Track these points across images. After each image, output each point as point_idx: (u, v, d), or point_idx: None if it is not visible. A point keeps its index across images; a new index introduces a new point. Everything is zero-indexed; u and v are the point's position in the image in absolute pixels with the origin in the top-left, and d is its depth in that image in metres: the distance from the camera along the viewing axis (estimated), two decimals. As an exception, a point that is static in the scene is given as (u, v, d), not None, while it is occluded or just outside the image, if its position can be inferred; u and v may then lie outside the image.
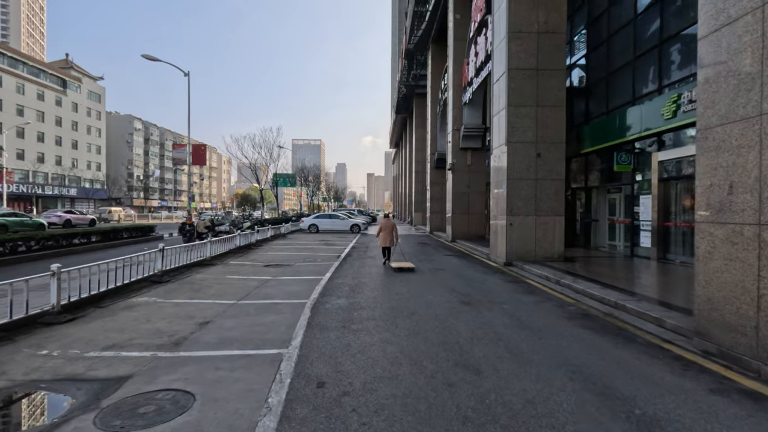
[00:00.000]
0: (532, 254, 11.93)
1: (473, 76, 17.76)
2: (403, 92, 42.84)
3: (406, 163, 53.63)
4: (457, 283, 8.98)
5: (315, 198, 64.20)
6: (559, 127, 11.99)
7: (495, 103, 13.07)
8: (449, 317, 6.13)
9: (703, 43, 4.73)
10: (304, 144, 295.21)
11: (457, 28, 20.63)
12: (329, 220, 28.54)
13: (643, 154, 13.13)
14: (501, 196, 12.31)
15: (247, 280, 9.49)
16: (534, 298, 7.52)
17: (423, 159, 41.05)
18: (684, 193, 11.37)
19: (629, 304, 6.48)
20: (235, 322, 5.98)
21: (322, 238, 23.17)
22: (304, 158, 68.59)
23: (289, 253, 15.12)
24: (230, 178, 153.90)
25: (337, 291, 8.13)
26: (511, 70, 11.85)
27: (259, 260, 13.09)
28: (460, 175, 20.71)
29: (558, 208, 12.03)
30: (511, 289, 8.40)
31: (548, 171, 11.95)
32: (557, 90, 11.95)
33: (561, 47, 11.98)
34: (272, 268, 11.33)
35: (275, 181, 39.88)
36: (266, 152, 36.14)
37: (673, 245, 11.78)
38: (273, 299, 7.47)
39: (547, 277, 9.45)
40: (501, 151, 12.35)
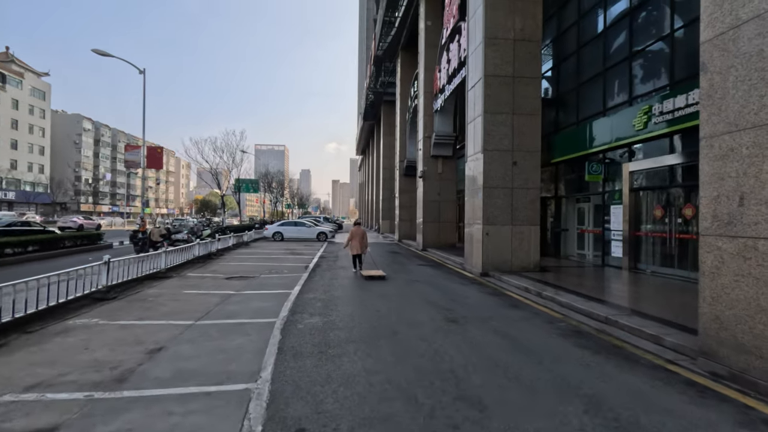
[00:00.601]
0: (508, 264, 11.68)
1: (445, 83, 17.57)
2: (370, 99, 42.52)
3: (373, 170, 53.22)
4: (436, 297, 8.48)
5: (279, 205, 62.41)
6: (534, 135, 11.87)
7: (470, 110, 12.83)
8: (437, 338, 5.59)
9: (706, 47, 4.50)
10: (268, 149, 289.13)
11: (428, 34, 20.49)
12: (295, 228, 27.51)
13: (614, 164, 13.29)
14: (477, 204, 12.01)
15: (208, 295, 8.57)
16: (520, 313, 7.13)
17: (391, 166, 40.76)
18: (655, 203, 11.51)
19: (620, 319, 6.20)
20: (193, 348, 5.16)
21: (287, 246, 22.18)
22: (268, 164, 66.65)
23: (254, 264, 14.16)
24: (189, 183, 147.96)
25: (308, 307, 7.41)
26: (487, 77, 11.63)
27: (220, 272, 12.08)
28: (431, 182, 20.44)
29: (534, 218, 11.87)
30: (494, 302, 7.99)
31: (524, 180, 11.78)
32: (533, 98, 11.85)
33: (537, 55, 11.92)
34: (235, 281, 10.42)
35: (237, 186, 38.25)
36: (228, 156, 34.60)
37: (644, 255, 11.89)
38: (237, 318, 6.66)
39: (527, 288, 9.14)
40: (476, 159, 12.08)
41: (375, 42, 32.83)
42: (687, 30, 10.36)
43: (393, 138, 40.58)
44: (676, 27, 10.62)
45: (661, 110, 10.52)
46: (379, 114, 43.67)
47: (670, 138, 10.75)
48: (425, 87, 20.43)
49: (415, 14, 23.25)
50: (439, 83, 18.73)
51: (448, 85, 17.22)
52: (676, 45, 10.64)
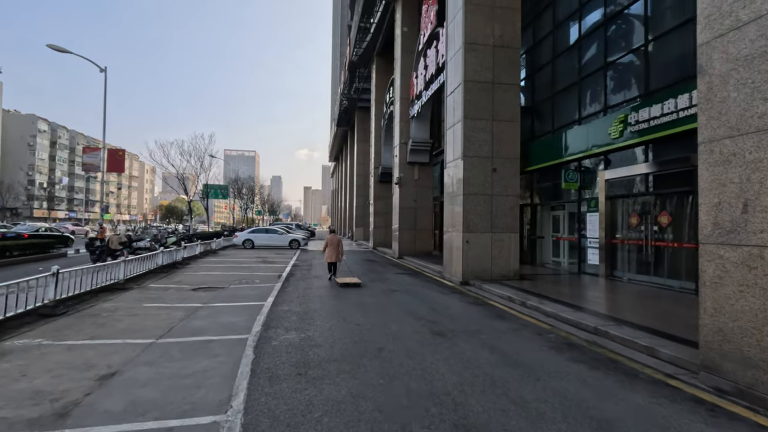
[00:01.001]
0: (488, 272, 11.47)
1: (422, 89, 17.42)
2: (344, 105, 42.13)
3: (346, 177, 52.71)
4: (418, 307, 8.10)
5: (249, 211, 60.72)
6: (514, 142, 11.80)
7: (449, 115, 12.66)
8: (425, 354, 5.19)
9: (704, 50, 4.37)
10: (238, 155, 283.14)
11: (404, 40, 20.36)
12: (266, 235, 26.60)
13: (589, 172, 13.40)
14: (456, 211, 11.78)
15: (171, 309, 7.85)
16: (507, 324, 6.84)
17: (365, 173, 40.43)
18: (631, 211, 11.62)
19: (610, 329, 6.01)
20: (153, 372, 4.54)
21: (258, 254, 21.32)
22: (238, 169, 64.89)
23: (223, 273, 13.37)
24: (154, 189, 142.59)
25: (283, 321, 6.87)
26: (467, 82, 11.48)
27: (186, 282, 11.28)
28: (408, 189, 20.19)
29: (513, 225, 11.74)
30: (478, 313, 7.69)
31: (504, 187, 11.66)
32: (512, 105, 11.79)
33: (516, 62, 11.89)
34: (202, 293, 9.69)
35: (206, 192, 36.83)
36: (196, 160, 33.23)
37: (620, 262, 11.96)
38: (204, 335, 6.04)
39: (510, 298, 8.92)
40: (456, 165, 11.88)
41: (350, 48, 32.57)
42: (660, 41, 10.56)
43: (367, 144, 40.33)
44: (650, 38, 10.81)
45: (636, 119, 10.64)
46: (353, 120, 43.34)
47: (645, 146, 10.88)
48: (401, 93, 20.25)
49: (390, 20, 23.14)
50: (415, 89, 18.57)
51: (425, 91, 17.07)
52: (650, 56, 10.82)
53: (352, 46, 30.69)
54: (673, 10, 10.37)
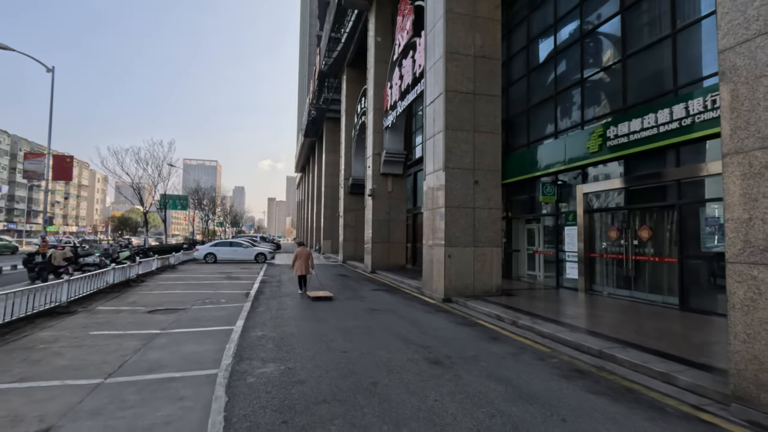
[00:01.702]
0: (471, 288, 11.05)
1: (397, 99, 17.06)
2: (313, 115, 41.35)
3: (314, 189, 51.63)
4: (406, 330, 7.48)
5: (210, 223, 58.13)
6: (495, 154, 11.55)
7: (428, 125, 12.28)
8: (427, 388, 4.57)
9: (728, 55, 4.11)
10: (199, 164, 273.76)
11: (378, 51, 20.03)
12: (230, 249, 25.18)
13: (566, 185, 13.39)
14: (437, 225, 11.33)
15: (124, 337, 6.81)
16: (505, 348, 6.34)
17: (334, 184, 39.64)
18: (610, 224, 11.60)
19: (616, 353, 5.63)
20: (99, 427, 3.65)
21: (222, 269, 20.00)
22: (199, 179, 62.19)
23: (183, 292, 12.19)
24: (105, 199, 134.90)
25: (258, 350, 6.04)
26: (448, 92, 11.16)
27: (141, 303, 10.10)
28: (381, 201, 19.65)
29: (495, 239, 11.42)
30: (470, 335, 7.15)
31: (486, 199, 11.34)
32: (493, 116, 11.56)
33: (497, 73, 11.71)
34: (160, 315, 8.62)
35: (163, 202, 34.73)
36: (154, 169, 31.28)
37: (600, 276, 11.88)
38: (164, 371, 5.13)
39: (498, 316, 8.47)
40: (437, 177, 11.47)
41: (319, 58, 32.02)
42: (637, 57, 10.68)
43: (337, 155, 39.64)
44: (627, 54, 10.93)
45: (615, 133, 10.65)
46: (322, 131, 42.59)
47: (625, 161, 10.90)
48: (375, 103, 19.83)
49: (363, 30, 22.82)
50: (390, 100, 18.20)
51: (400, 102, 16.71)
52: (628, 71, 10.92)
53: (322, 56, 30.15)
54: (649, 26, 10.54)
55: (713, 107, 8.40)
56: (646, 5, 10.65)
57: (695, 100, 8.76)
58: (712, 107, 8.42)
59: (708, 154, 9.11)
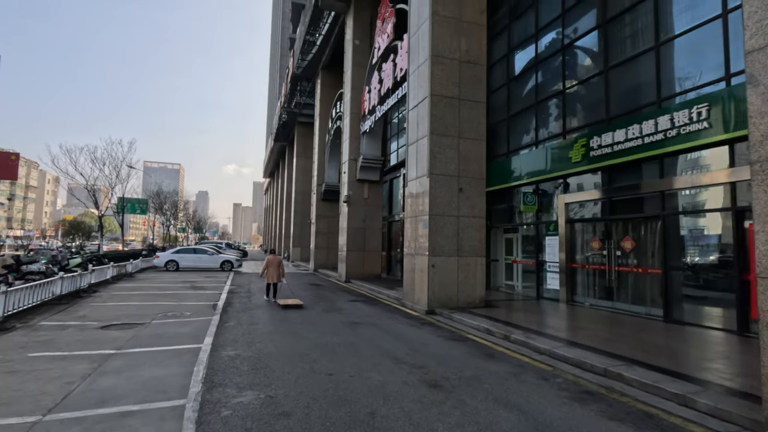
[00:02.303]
0: (454, 300, 10.63)
1: (376, 103, 16.62)
2: (284, 119, 40.31)
3: (283, 194, 50.30)
4: (393, 346, 6.91)
5: (172, 228, 55.38)
6: (480, 161, 11.26)
7: (411, 130, 11.87)
8: (430, 418, 4.02)
9: (757, 57, 3.88)
10: (160, 167, 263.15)
11: (355, 54, 19.57)
12: (194, 256, 23.75)
13: (547, 195, 13.31)
14: (420, 233, 10.88)
15: (69, 359, 5.87)
16: (504, 366, 5.90)
17: (305, 190, 38.68)
18: (592, 235, 11.53)
19: (622, 371, 5.30)
20: (31, 485, 2.87)
21: (185, 278, 18.72)
22: (162, 182, 59.27)
23: (142, 303, 11.10)
24: (56, 201, 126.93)
25: (232, 374, 5.30)
26: (433, 96, 10.80)
27: (93, 317, 9.02)
28: (356, 208, 19.06)
29: (479, 249, 11.09)
30: (465, 353, 6.68)
31: (470, 208, 11.01)
32: (479, 123, 11.30)
33: (482, 79, 11.48)
34: (115, 332, 7.65)
35: (121, 206, 32.56)
36: (111, 170, 29.27)
37: (581, 287, 11.77)
38: (118, 403, 4.32)
39: (488, 330, 8.06)
40: (421, 183, 11.05)
41: (293, 60, 31.23)
42: (620, 69, 10.72)
43: (309, 160, 38.72)
44: (611, 65, 10.96)
45: (599, 143, 10.61)
46: (293, 135, 41.60)
47: (608, 171, 10.86)
48: (352, 108, 19.31)
49: (340, 33, 22.33)
50: (368, 104, 17.74)
51: (380, 106, 16.27)
52: (611, 82, 10.95)
53: (295, 59, 29.38)
54: (632, 39, 10.61)
55: (699, 119, 8.43)
56: (628, 18, 10.74)
57: (680, 112, 8.78)
58: (698, 119, 8.45)
59: (692, 165, 9.16)
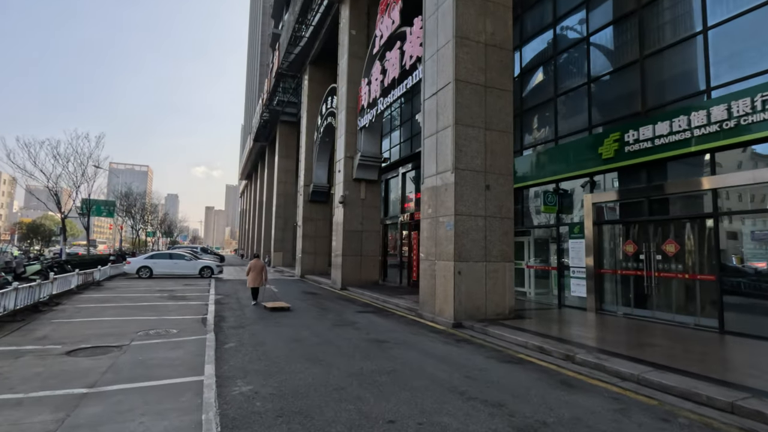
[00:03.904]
0: (482, 311, 9.43)
1: (378, 95, 15.35)
2: (265, 118, 38.45)
3: (263, 197, 48.16)
4: (443, 373, 5.61)
5: (142, 232, 52.14)
6: (507, 156, 10.15)
7: (428, 122, 10.66)
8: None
9: None
10: (127, 169, 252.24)
11: (352, 44, 18.26)
12: (169, 262, 21.69)
13: (568, 195, 12.37)
14: (443, 236, 9.65)
15: (25, 406, 4.29)
16: (597, 402, 4.70)
17: (288, 192, 36.93)
18: (625, 237, 10.60)
19: (754, 405, 4.21)
20: None
21: (161, 286, 16.81)
22: (131, 182, 55.84)
23: (116, 319, 9.38)
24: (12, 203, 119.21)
25: (256, 426, 3.87)
26: (458, 82, 9.63)
27: (56, 338, 7.31)
28: (353, 210, 17.66)
29: (508, 253, 9.95)
30: (533, 380, 5.45)
31: (497, 207, 9.87)
32: (506, 113, 10.20)
33: (508, 66, 10.40)
34: (86, 359, 6.03)
35: (87, 208, 29.85)
36: (77, 167, 26.70)
37: (611, 295, 10.81)
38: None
39: (541, 348, 6.88)
40: (442, 179, 9.83)
41: (279, 54, 29.60)
42: (659, 56, 9.88)
43: (291, 161, 37.04)
44: (648, 53, 10.11)
45: (636, 138, 9.70)
46: (275, 135, 39.77)
47: (646, 167, 9.94)
48: (348, 102, 17.95)
49: (332, 24, 20.96)
50: (367, 97, 16.44)
51: (382, 98, 15.01)
52: (648, 70, 10.09)
53: (281, 53, 27.77)
54: (672, 24, 9.79)
55: (764, 108, 7.58)
56: (668, 2, 9.92)
57: (740, 101, 7.93)
58: (762, 108, 7.60)
59: (750, 158, 8.33)
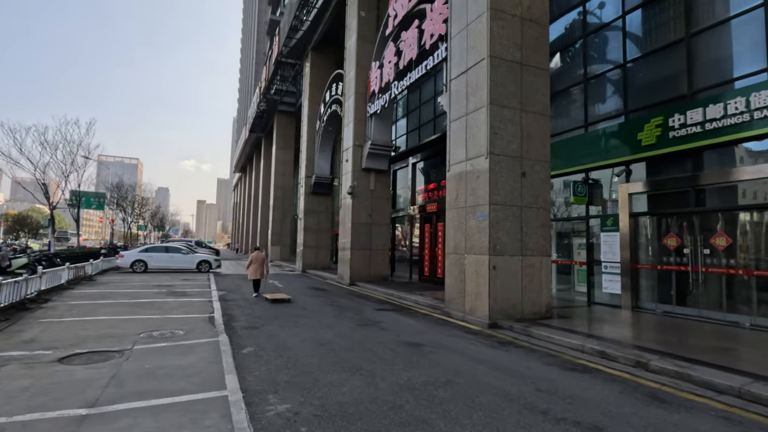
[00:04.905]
0: (519, 309, 8.64)
1: (391, 79, 14.42)
2: (263, 108, 37.27)
3: (258, 189, 46.98)
4: (510, 385, 4.80)
5: (134, 226, 50.64)
6: (544, 140, 9.33)
7: (456, 103, 9.79)
8: None
9: None
10: (117, 161, 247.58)
11: (361, 26, 17.27)
12: (165, 255, 20.64)
13: (597, 185, 11.61)
14: (477, 227, 8.82)
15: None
16: (705, 422, 3.91)
17: (286, 184, 35.93)
18: (666, 230, 9.86)
19: None
20: None
21: (158, 281, 15.82)
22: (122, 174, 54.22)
23: (114, 318, 8.44)
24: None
25: (310, 462, 3.02)
26: (494, 58, 8.76)
27: (46, 342, 6.37)
28: (362, 201, 16.76)
29: (544, 246, 9.15)
30: (618, 395, 4.65)
31: (534, 197, 9.05)
32: (542, 94, 9.37)
33: (545, 42, 9.56)
34: (82, 369, 5.13)
35: (77, 199, 28.57)
36: (67, 155, 25.41)
37: (649, 292, 10.10)
38: None
39: (602, 353, 6.10)
40: (474, 166, 8.98)
41: (279, 42, 28.43)
42: (709, 33, 9.09)
43: (289, 152, 36.00)
44: (695, 30, 9.31)
45: (683, 122, 8.93)
46: (272, 126, 38.59)
47: (693, 154, 9.17)
48: (357, 87, 16.99)
49: (338, 5, 19.88)
50: (379, 82, 15.51)
51: (397, 82, 14.09)
52: (694, 50, 9.30)
53: (282, 38, 26.63)
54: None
55: (844, 86, 6.83)
56: (718, -28, 9.13)
57: (813, 79, 7.18)
58: (842, 86, 6.85)
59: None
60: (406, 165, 18.91)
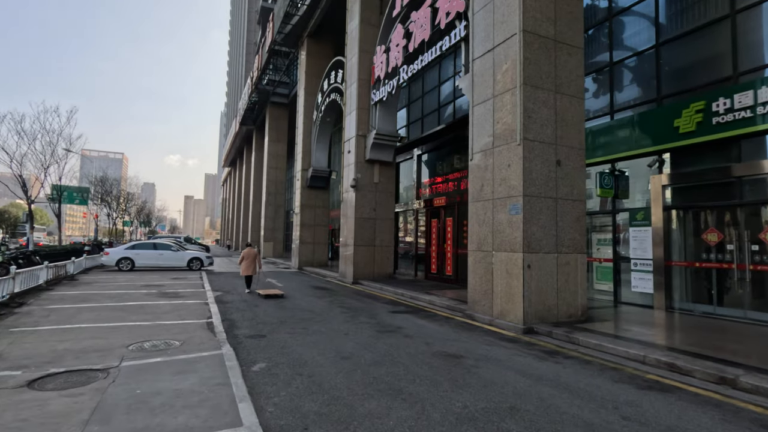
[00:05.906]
0: (554, 312, 7.81)
1: (399, 64, 13.44)
2: (254, 99, 35.93)
3: (249, 184, 45.62)
4: (587, 412, 3.93)
5: (119, 222, 48.85)
6: (579, 126, 8.48)
7: (481, 85, 8.88)
8: None
9: None
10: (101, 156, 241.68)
11: (363, 9, 16.23)
12: (154, 252, 19.44)
13: (624, 177, 10.84)
14: (507, 221, 7.94)
15: None
16: None
17: (279, 178, 34.76)
18: (705, 225, 9.12)
19: None
20: None
21: (146, 280, 14.69)
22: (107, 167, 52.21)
23: (98, 325, 7.38)
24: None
25: None
26: (526, 33, 7.86)
27: (15, 357, 5.34)
28: (366, 195, 15.79)
29: (580, 242, 8.33)
30: (717, 421, 3.82)
31: (569, 188, 8.21)
32: (577, 75, 8.50)
33: (578, 16, 8.68)
34: (57, 396, 4.13)
35: (58, 193, 27.05)
36: (46, 146, 23.91)
37: (685, 291, 9.37)
38: None
39: (671, 365, 5.28)
40: (504, 153, 8.09)
41: (272, 29, 27.18)
42: (759, 9, 8.32)
43: (282, 145, 34.83)
44: (739, 8, 8.53)
45: (727, 107, 8.17)
46: (263, 118, 37.29)
47: (738, 142, 8.43)
48: (360, 74, 15.96)
49: (337, -11, 18.80)
50: (383, 67, 14.52)
51: (405, 66, 13.11)
52: (740, 28, 8.53)
53: (276, 24, 25.40)
54: (777, -29, 8.22)
55: None
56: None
57: None
58: None
59: None
60: (410, 157, 17.98)
